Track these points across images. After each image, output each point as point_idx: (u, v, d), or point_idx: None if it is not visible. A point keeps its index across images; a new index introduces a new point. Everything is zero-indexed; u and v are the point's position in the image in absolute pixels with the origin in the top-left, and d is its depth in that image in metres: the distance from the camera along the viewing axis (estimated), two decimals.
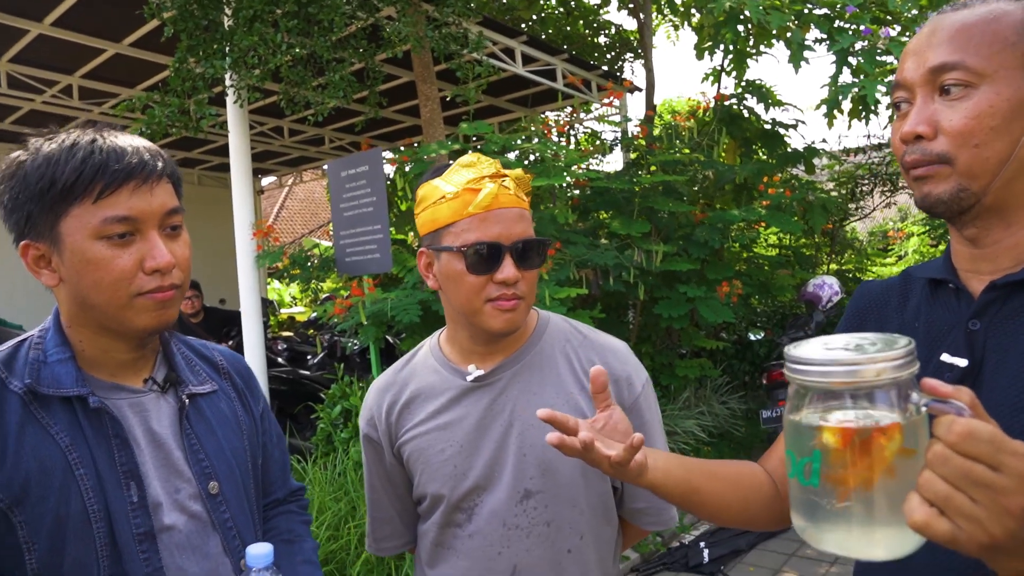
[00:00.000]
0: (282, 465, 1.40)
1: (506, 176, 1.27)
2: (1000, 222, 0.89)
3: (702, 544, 4.34)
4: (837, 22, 5.35)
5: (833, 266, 8.95)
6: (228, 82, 4.61)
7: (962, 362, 0.89)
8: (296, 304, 15.93)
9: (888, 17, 5.57)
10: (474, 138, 4.94)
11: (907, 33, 5.37)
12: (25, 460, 0.98)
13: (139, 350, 1.14)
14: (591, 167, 6.85)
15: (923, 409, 0.62)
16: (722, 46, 6.18)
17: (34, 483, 0.97)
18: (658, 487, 0.95)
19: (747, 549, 4.37)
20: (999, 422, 0.81)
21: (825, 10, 5.45)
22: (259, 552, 1.00)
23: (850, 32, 5.23)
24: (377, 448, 1.41)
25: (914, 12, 5.49)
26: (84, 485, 1.00)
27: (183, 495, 1.11)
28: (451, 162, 1.30)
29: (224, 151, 10.68)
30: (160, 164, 1.07)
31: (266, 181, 14.49)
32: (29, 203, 1.02)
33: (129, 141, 1.06)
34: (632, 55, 10.80)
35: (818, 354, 0.65)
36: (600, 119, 7.21)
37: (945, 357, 0.91)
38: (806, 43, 5.17)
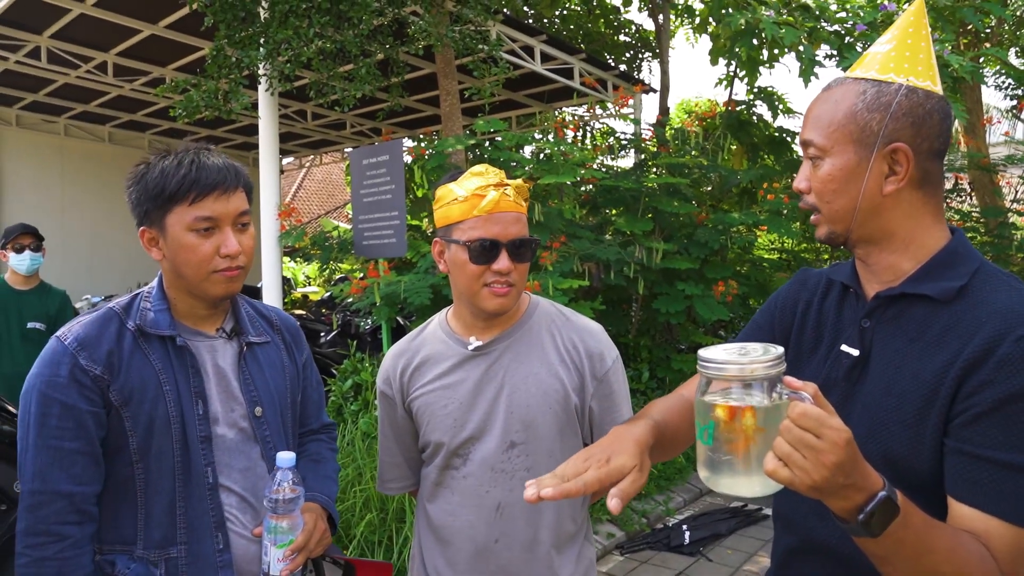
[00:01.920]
0: (318, 404, 1.78)
1: (508, 185, 1.55)
2: (875, 248, 1.16)
3: (684, 527, 4.61)
4: (847, 39, 5.56)
5: None
6: (261, 71, 4.88)
7: (855, 352, 1.16)
8: (310, 284, 16.26)
9: None
10: (490, 131, 5.19)
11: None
12: (132, 376, 1.39)
13: (213, 308, 1.53)
14: (604, 164, 7.10)
15: (785, 397, 0.88)
16: (739, 56, 6.41)
17: (137, 392, 1.38)
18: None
19: (727, 533, 4.65)
20: (873, 399, 1.09)
21: (836, 27, 5.66)
22: (286, 456, 1.41)
23: (859, 50, 5.44)
24: (391, 403, 1.69)
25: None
26: (168, 398, 1.40)
27: (236, 414, 1.51)
28: (464, 169, 1.58)
29: (248, 130, 11.00)
30: (236, 179, 1.44)
31: (285, 161, 14.81)
32: (147, 202, 1.41)
33: (217, 161, 1.43)
34: (651, 55, 11.00)
35: (719, 356, 0.91)
36: (618, 116, 7.44)
37: (844, 347, 1.18)
38: (816, 59, 5.38)
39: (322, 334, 7.44)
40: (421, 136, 10.28)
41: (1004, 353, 0.97)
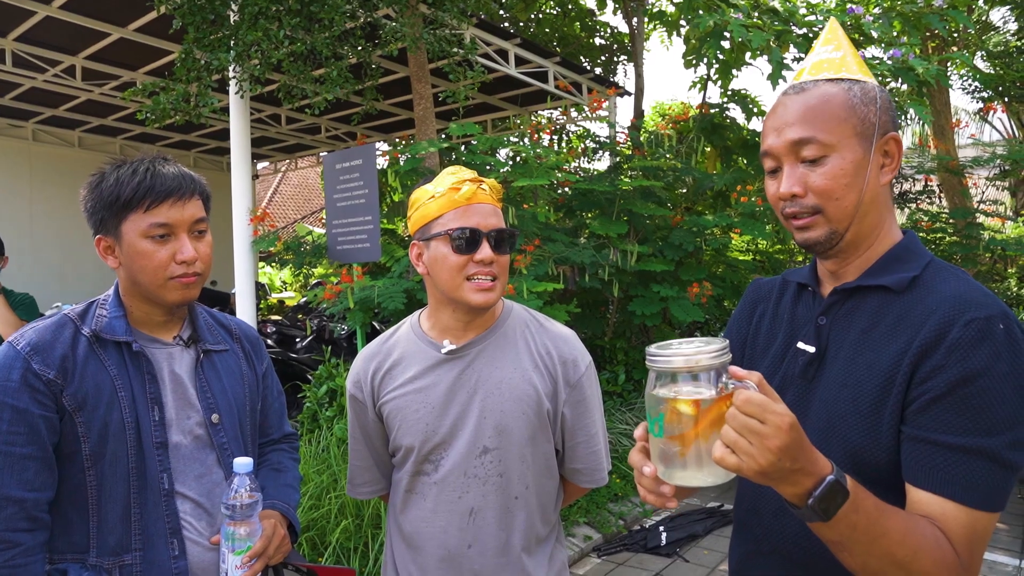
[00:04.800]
0: (279, 413, 1.79)
1: (483, 181, 1.56)
2: (854, 251, 1.16)
3: (661, 528, 4.63)
4: (815, 43, 5.61)
5: None
6: (231, 73, 4.83)
7: (811, 348, 1.17)
8: (286, 289, 16.12)
9: (863, 39, 5.85)
10: (465, 135, 5.19)
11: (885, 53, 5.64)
12: (87, 381, 1.39)
13: (170, 315, 1.55)
14: (580, 167, 7.12)
15: (730, 386, 0.89)
16: (706, 58, 6.46)
17: (91, 397, 1.39)
18: None
19: (703, 534, 4.67)
20: (831, 393, 1.10)
21: (804, 30, 5.73)
22: (243, 462, 1.41)
23: None
24: (361, 406, 1.67)
25: (896, 35, 5.74)
26: (123, 403, 1.41)
27: (191, 421, 1.51)
28: (440, 168, 1.58)
29: (220, 135, 10.88)
30: (192, 186, 1.47)
31: (261, 166, 14.65)
32: (103, 210, 1.44)
33: (172, 169, 1.46)
34: (626, 58, 11.07)
35: (665, 350, 0.92)
36: (594, 119, 7.47)
37: (800, 344, 1.19)
38: (784, 62, 5.44)
39: (297, 340, 7.37)
40: (397, 140, 10.25)
41: (954, 338, 0.99)
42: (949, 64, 7.77)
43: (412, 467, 1.60)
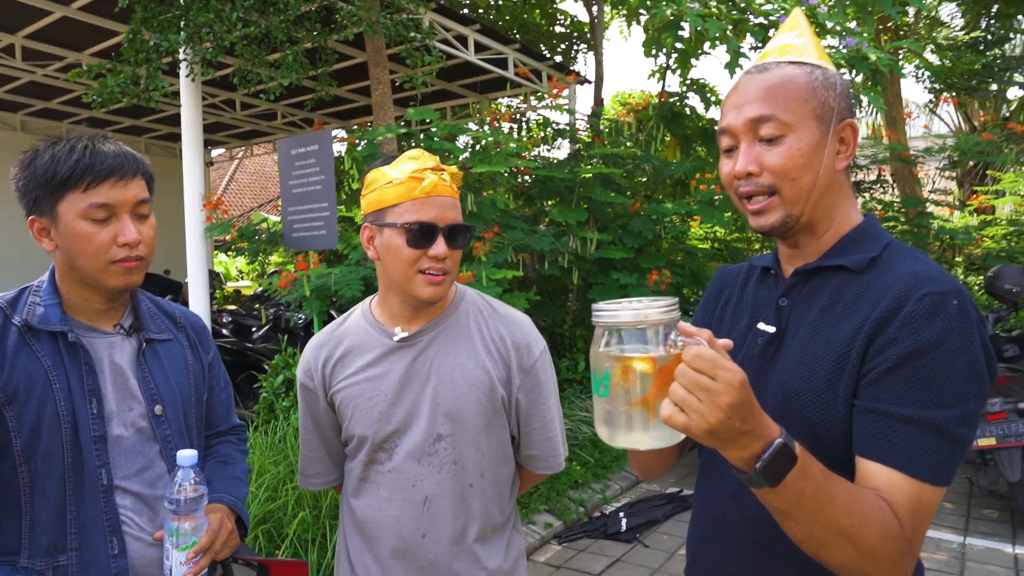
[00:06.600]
0: (226, 404, 1.73)
1: (444, 170, 1.52)
2: (811, 235, 1.17)
3: (621, 514, 4.66)
4: (771, 32, 5.68)
5: None
6: (182, 56, 4.69)
7: (771, 329, 1.17)
8: (243, 278, 15.83)
9: (818, 30, 5.93)
10: (425, 121, 5.12)
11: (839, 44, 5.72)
12: (17, 373, 1.32)
13: (111, 302, 1.47)
14: (540, 154, 7.10)
15: (679, 343, 0.88)
16: (665, 48, 6.48)
17: (22, 390, 1.31)
18: None
19: (663, 519, 4.71)
20: (787, 371, 1.10)
21: (760, 20, 5.78)
22: (187, 454, 1.34)
23: None
24: (312, 396, 1.63)
25: (852, 24, 5.82)
26: (58, 396, 1.34)
27: (134, 413, 1.45)
28: (398, 154, 1.54)
29: (173, 120, 10.58)
30: (134, 166, 1.39)
31: (216, 153, 14.32)
32: (37, 189, 1.35)
33: (113, 148, 1.38)
34: (586, 46, 11.06)
35: (612, 305, 0.90)
36: (554, 107, 7.45)
37: (761, 325, 1.20)
38: (741, 51, 5.48)
39: (253, 329, 7.24)
40: (356, 127, 10.10)
41: (908, 311, 1.00)
42: (900, 53, 7.92)
43: (366, 456, 1.56)
